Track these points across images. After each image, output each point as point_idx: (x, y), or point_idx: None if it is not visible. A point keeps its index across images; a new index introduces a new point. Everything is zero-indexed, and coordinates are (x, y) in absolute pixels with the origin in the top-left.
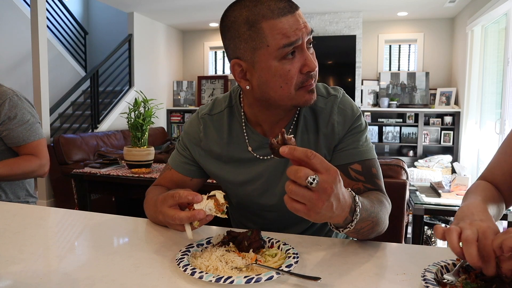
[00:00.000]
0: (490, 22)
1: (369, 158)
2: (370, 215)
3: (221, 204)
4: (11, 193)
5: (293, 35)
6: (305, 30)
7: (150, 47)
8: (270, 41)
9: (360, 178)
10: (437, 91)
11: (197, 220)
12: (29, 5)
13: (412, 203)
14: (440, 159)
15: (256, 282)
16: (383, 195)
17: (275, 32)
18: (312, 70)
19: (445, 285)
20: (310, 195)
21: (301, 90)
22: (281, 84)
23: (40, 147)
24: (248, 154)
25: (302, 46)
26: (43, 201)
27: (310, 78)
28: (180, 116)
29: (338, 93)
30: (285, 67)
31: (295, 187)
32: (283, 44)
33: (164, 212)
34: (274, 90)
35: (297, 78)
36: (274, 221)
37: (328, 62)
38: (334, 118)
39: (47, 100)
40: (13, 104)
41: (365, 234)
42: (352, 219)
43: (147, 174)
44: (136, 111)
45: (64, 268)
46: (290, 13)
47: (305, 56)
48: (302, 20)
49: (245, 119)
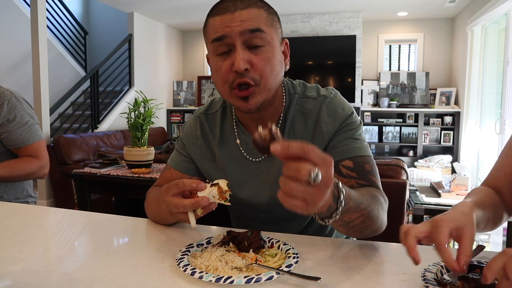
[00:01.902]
0: (490, 22)
1: (362, 155)
2: (359, 206)
3: (225, 192)
4: (11, 193)
5: (220, 31)
6: (238, 29)
7: (150, 47)
8: (208, 36)
9: (352, 174)
10: (437, 91)
11: (200, 208)
12: (29, 5)
13: (412, 203)
14: (440, 159)
15: (256, 282)
16: (377, 190)
17: (210, 28)
18: (237, 69)
19: (445, 285)
20: (312, 191)
21: (234, 92)
22: (218, 79)
23: (40, 148)
24: (239, 155)
25: (234, 44)
26: (43, 201)
27: (240, 77)
28: (180, 116)
29: (329, 94)
30: (218, 63)
31: (297, 185)
32: (212, 38)
33: (168, 201)
34: (217, 86)
35: (228, 76)
36: (266, 221)
37: (328, 62)
38: (323, 119)
39: (47, 100)
40: (12, 105)
41: (358, 230)
42: (337, 206)
43: (147, 174)
44: (136, 111)
45: (64, 268)
46: (229, 12)
47: (235, 55)
48: (240, 19)
49: (237, 120)
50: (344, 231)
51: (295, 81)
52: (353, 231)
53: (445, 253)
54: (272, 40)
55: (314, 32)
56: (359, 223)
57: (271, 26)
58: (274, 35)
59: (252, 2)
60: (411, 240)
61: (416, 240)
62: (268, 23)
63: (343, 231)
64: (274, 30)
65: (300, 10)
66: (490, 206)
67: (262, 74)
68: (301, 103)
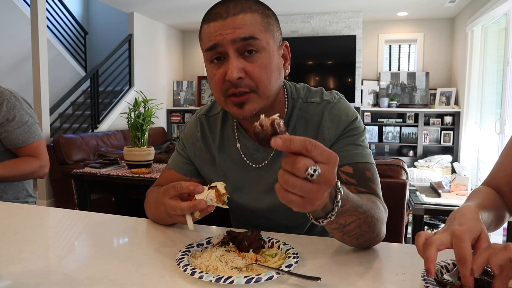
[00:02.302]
0: (490, 22)
1: (363, 162)
2: (357, 210)
3: (222, 195)
4: (10, 193)
5: (213, 39)
6: (230, 37)
7: (150, 47)
8: (203, 44)
9: (352, 181)
10: (437, 91)
11: (198, 210)
12: (29, 5)
13: (412, 203)
14: (440, 159)
15: (256, 282)
16: (378, 199)
17: (204, 36)
18: (230, 78)
19: (445, 285)
20: (310, 187)
21: (229, 100)
22: (212, 86)
23: (40, 148)
24: (239, 160)
25: (227, 52)
26: (43, 201)
27: (234, 87)
28: (180, 116)
29: (332, 98)
30: (212, 71)
31: (293, 179)
32: (205, 47)
33: (166, 203)
34: (213, 92)
35: (222, 84)
36: (265, 228)
37: (328, 62)
38: (324, 125)
39: (47, 100)
40: (11, 105)
41: (353, 235)
42: (333, 207)
43: (147, 174)
44: (136, 111)
45: (64, 268)
46: (221, 19)
47: (228, 64)
48: (231, 27)
49: (238, 123)
50: (339, 236)
51: (298, 84)
52: (348, 237)
53: (467, 269)
54: (267, 45)
55: (314, 32)
56: (355, 227)
57: (266, 31)
58: (270, 40)
59: (245, 6)
60: (433, 252)
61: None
62: (263, 28)
63: (338, 236)
64: (270, 34)
65: (300, 10)
66: (493, 208)
67: (259, 81)
68: (304, 108)
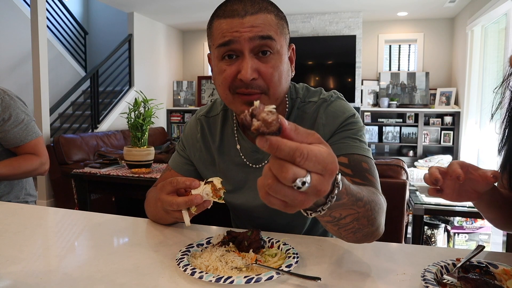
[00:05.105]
0: (490, 22)
1: (359, 154)
2: (356, 203)
3: (218, 189)
4: (10, 193)
5: (228, 35)
6: (248, 35)
7: (150, 47)
8: (214, 40)
9: (346, 171)
10: (437, 91)
11: (194, 205)
12: (29, 5)
13: (412, 203)
14: (440, 159)
15: (256, 282)
16: (376, 190)
17: (217, 31)
18: (244, 78)
19: (445, 285)
20: (295, 196)
21: (237, 97)
22: (219, 82)
23: (39, 145)
24: (239, 161)
25: (242, 50)
26: (43, 201)
27: (245, 87)
28: (180, 116)
29: (329, 97)
30: (222, 66)
31: (277, 185)
32: (218, 43)
33: (162, 199)
34: (218, 88)
35: (232, 81)
36: (264, 227)
37: (328, 62)
38: (320, 122)
39: (47, 100)
40: (6, 104)
41: (350, 230)
42: (326, 201)
43: (147, 174)
44: (136, 111)
45: (64, 268)
46: (238, 16)
47: (243, 63)
48: (249, 25)
49: (237, 124)
50: (334, 230)
51: (298, 84)
52: (344, 231)
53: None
54: (281, 48)
55: (314, 32)
56: (351, 221)
57: (281, 33)
58: (283, 42)
59: (262, 6)
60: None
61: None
62: (279, 31)
63: (333, 230)
64: (283, 37)
65: (300, 10)
66: (502, 201)
67: (270, 83)
68: (302, 108)
